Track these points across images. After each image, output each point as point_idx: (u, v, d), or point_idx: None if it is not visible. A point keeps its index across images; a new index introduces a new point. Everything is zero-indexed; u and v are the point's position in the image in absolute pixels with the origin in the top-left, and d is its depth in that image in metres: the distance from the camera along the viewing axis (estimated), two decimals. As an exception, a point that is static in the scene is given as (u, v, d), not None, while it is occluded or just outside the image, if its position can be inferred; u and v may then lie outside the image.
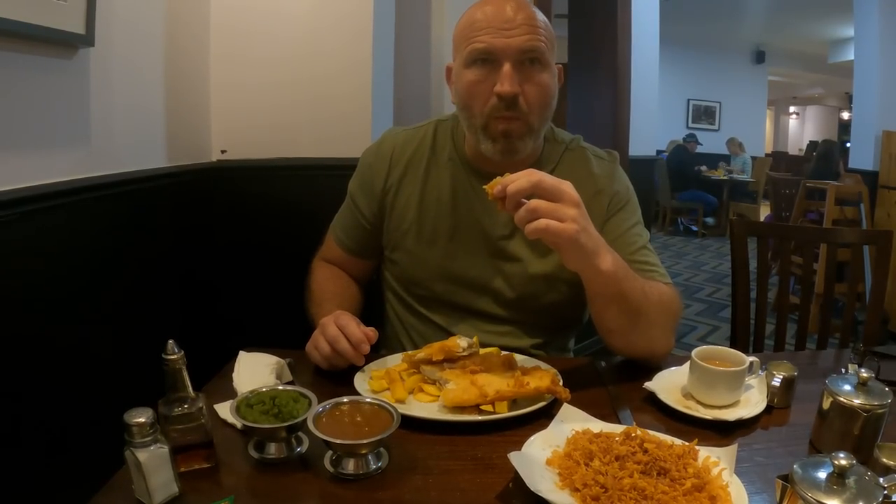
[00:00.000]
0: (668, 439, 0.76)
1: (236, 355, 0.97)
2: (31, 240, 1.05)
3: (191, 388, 0.73)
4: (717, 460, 0.72)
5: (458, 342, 0.97)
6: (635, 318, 0.96)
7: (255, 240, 1.68)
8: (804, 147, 12.84)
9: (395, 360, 1.00)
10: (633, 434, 0.75)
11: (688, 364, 0.93)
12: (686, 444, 0.74)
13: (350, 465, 0.73)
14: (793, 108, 16.29)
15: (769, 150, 13.79)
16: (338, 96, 1.67)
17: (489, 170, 1.09)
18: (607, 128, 3.50)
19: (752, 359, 0.92)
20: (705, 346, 0.94)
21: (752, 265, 1.60)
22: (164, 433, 0.68)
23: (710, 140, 9.09)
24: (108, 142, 1.28)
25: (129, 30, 1.33)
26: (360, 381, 0.93)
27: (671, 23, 4.94)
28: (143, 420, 0.64)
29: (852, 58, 4.46)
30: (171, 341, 0.71)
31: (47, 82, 1.11)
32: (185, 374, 0.72)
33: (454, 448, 0.79)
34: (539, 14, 1.02)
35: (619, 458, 0.70)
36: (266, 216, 1.68)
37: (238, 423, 0.77)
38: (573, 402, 0.85)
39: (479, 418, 0.84)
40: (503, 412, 0.85)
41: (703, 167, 7.94)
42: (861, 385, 0.77)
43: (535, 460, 0.72)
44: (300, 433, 0.78)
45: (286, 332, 1.07)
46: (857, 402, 0.76)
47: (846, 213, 3.76)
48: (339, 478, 0.72)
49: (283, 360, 0.97)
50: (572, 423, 0.81)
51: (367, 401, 0.79)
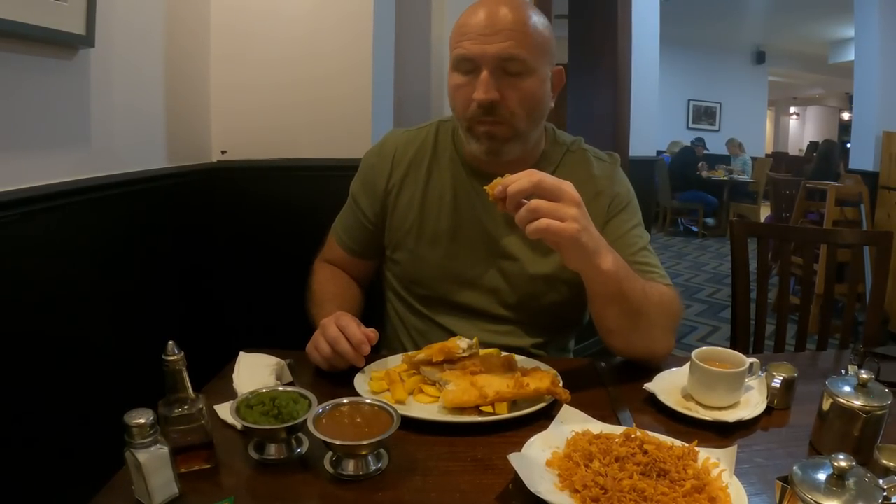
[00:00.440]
0: (667, 440, 0.76)
1: (236, 356, 0.97)
2: (32, 240, 1.05)
3: (191, 389, 0.73)
4: (716, 461, 0.72)
5: (457, 343, 0.97)
6: (636, 318, 0.97)
7: (256, 240, 1.68)
8: (804, 147, 12.84)
9: (394, 362, 1.00)
10: (632, 435, 0.75)
11: (688, 365, 0.93)
12: (686, 445, 0.74)
13: (350, 466, 0.73)
14: (793, 109, 16.29)
15: (769, 150, 13.79)
16: (338, 97, 1.67)
17: (489, 170, 1.09)
18: (607, 128, 3.51)
19: (751, 360, 0.92)
20: (705, 348, 0.94)
21: (753, 266, 1.60)
22: (165, 434, 0.68)
23: (711, 140, 9.10)
24: (108, 142, 1.28)
25: (130, 30, 1.33)
26: (360, 382, 0.93)
27: (671, 23, 4.94)
28: (143, 421, 0.64)
29: (852, 58, 4.46)
30: (171, 342, 0.71)
31: (48, 83, 1.11)
32: (186, 375, 0.72)
33: (454, 449, 0.79)
34: (532, 18, 1.00)
35: (619, 460, 0.70)
36: (266, 217, 1.68)
37: (238, 424, 0.77)
38: (573, 404, 0.86)
39: (479, 419, 0.84)
40: (503, 413, 0.85)
41: (703, 163, 7.94)
42: (861, 386, 0.78)
43: (535, 461, 0.72)
44: (300, 434, 0.78)
45: (286, 333, 1.07)
46: (856, 403, 0.76)
47: (846, 214, 3.76)
48: (339, 479, 0.72)
49: (282, 361, 0.97)
50: (572, 424, 0.81)
51: (367, 402, 0.80)
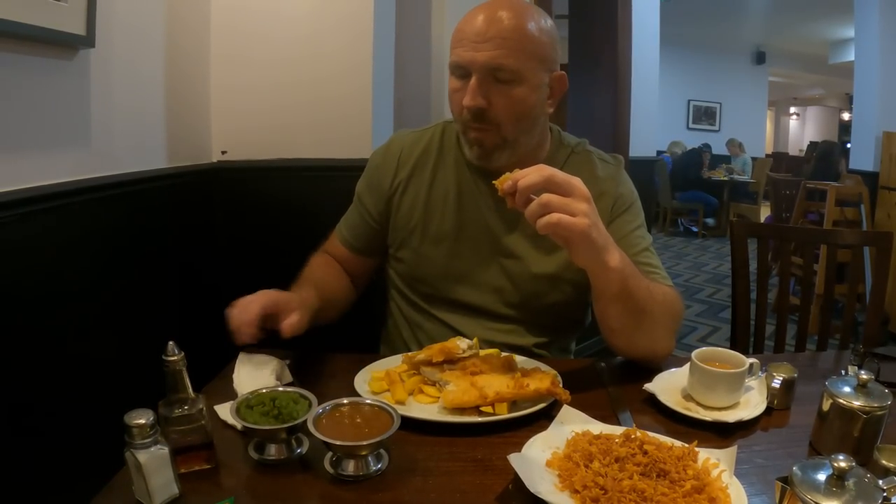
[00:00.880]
0: (667, 441, 0.76)
1: (236, 356, 0.97)
2: (32, 241, 1.05)
3: (191, 390, 0.73)
4: (716, 462, 0.72)
5: (458, 343, 0.97)
6: (639, 316, 0.96)
7: (256, 240, 1.68)
8: (804, 148, 12.84)
9: (394, 362, 1.00)
10: (632, 436, 0.75)
11: (688, 366, 0.93)
12: (686, 445, 0.74)
13: (350, 467, 0.73)
14: (793, 109, 16.29)
15: (769, 150, 13.78)
16: (338, 97, 1.67)
17: (493, 170, 1.10)
18: (607, 128, 3.51)
19: (751, 360, 0.92)
20: (705, 348, 0.94)
21: (753, 266, 1.60)
22: (165, 434, 0.68)
23: (711, 141, 9.09)
24: (108, 143, 1.28)
25: (130, 31, 1.33)
26: (360, 383, 0.93)
27: (671, 23, 4.94)
28: (143, 421, 0.64)
29: (853, 58, 4.46)
30: (171, 342, 0.71)
31: (48, 83, 1.11)
32: (186, 375, 0.72)
33: (454, 449, 0.79)
34: (529, 25, 0.99)
35: (619, 460, 0.70)
36: (266, 217, 1.68)
37: (238, 425, 0.77)
38: (573, 404, 0.86)
39: (479, 420, 0.84)
40: (503, 414, 0.85)
41: (704, 169, 7.94)
42: (861, 387, 0.78)
43: (535, 462, 0.72)
44: (300, 434, 0.78)
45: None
46: (856, 403, 0.76)
47: (846, 214, 3.76)
48: (339, 479, 0.72)
49: (283, 361, 0.97)
50: (572, 424, 0.81)
51: (367, 402, 0.80)
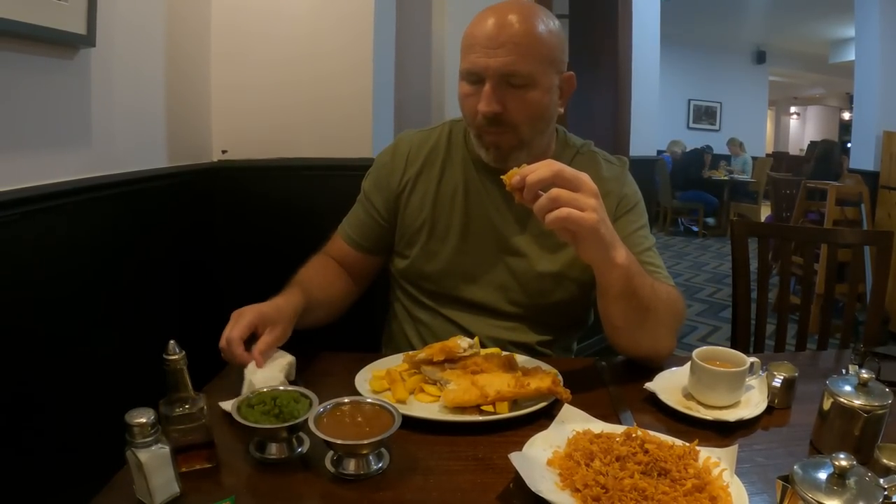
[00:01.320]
0: (668, 440, 0.76)
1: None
2: (32, 240, 1.05)
3: (192, 389, 0.73)
4: (717, 461, 0.72)
5: (458, 343, 0.97)
6: (643, 314, 0.96)
7: (256, 240, 1.68)
8: (805, 147, 12.84)
9: (395, 361, 1.00)
10: (633, 435, 0.75)
11: (688, 365, 0.93)
12: (687, 444, 0.74)
13: (351, 466, 0.73)
14: (793, 109, 16.28)
15: (770, 150, 13.78)
16: (339, 97, 1.67)
17: (499, 169, 1.11)
18: (608, 128, 3.51)
19: (752, 359, 0.92)
20: (706, 347, 0.94)
21: (753, 265, 1.60)
22: (166, 433, 0.68)
23: (711, 140, 9.09)
24: (108, 142, 1.28)
25: (131, 30, 1.33)
26: (361, 382, 0.93)
27: (672, 23, 4.94)
28: (144, 420, 0.64)
29: (853, 58, 4.46)
30: (172, 341, 0.71)
31: (48, 82, 1.11)
32: (186, 374, 0.72)
33: (455, 448, 0.79)
34: (539, 28, 1.00)
35: (620, 459, 0.70)
36: (267, 216, 1.68)
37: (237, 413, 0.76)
38: (574, 403, 0.86)
39: (480, 419, 0.84)
40: (504, 413, 0.85)
41: (704, 169, 7.94)
42: (861, 386, 0.78)
43: (536, 461, 0.72)
44: (301, 433, 0.78)
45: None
46: (857, 402, 0.76)
47: (847, 214, 3.76)
48: (340, 478, 0.72)
49: (292, 359, 0.96)
50: (573, 423, 0.81)
51: (368, 401, 0.80)
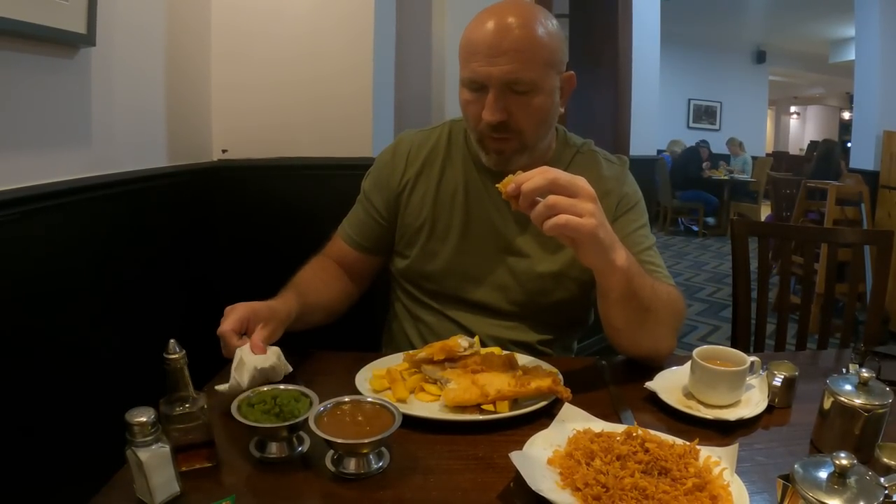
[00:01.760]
0: (669, 439, 0.76)
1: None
2: (32, 240, 1.05)
3: (192, 388, 0.73)
4: (718, 460, 0.72)
5: (458, 342, 0.97)
6: (643, 315, 0.96)
7: (256, 239, 1.68)
8: (805, 147, 12.84)
9: (396, 360, 1.00)
10: (634, 434, 0.75)
11: (689, 364, 0.93)
12: (687, 443, 0.74)
13: (351, 465, 0.73)
14: (794, 108, 16.28)
15: (770, 149, 13.78)
16: (339, 96, 1.67)
17: (500, 169, 1.11)
18: (608, 127, 3.51)
19: (752, 358, 0.92)
20: (706, 346, 0.94)
21: (753, 265, 1.60)
22: (166, 432, 0.68)
23: (711, 140, 9.09)
24: (108, 141, 1.28)
25: (131, 30, 1.33)
26: (362, 381, 0.93)
27: (672, 23, 4.94)
28: (144, 419, 0.64)
29: (853, 58, 4.46)
30: (172, 340, 0.71)
31: (48, 82, 1.11)
32: (187, 373, 0.72)
33: (455, 447, 0.79)
34: (539, 29, 1.00)
35: (621, 458, 0.70)
36: (267, 216, 1.68)
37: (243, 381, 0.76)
38: (574, 402, 0.86)
39: (481, 418, 0.84)
40: (504, 412, 0.85)
41: (708, 162, 7.93)
42: (862, 385, 0.78)
43: (537, 460, 0.72)
44: (301, 432, 0.78)
45: (286, 332, 1.07)
46: (857, 401, 0.76)
47: (847, 213, 3.76)
48: (341, 477, 0.72)
49: (278, 349, 0.95)
50: (573, 422, 0.81)
51: (369, 400, 0.79)
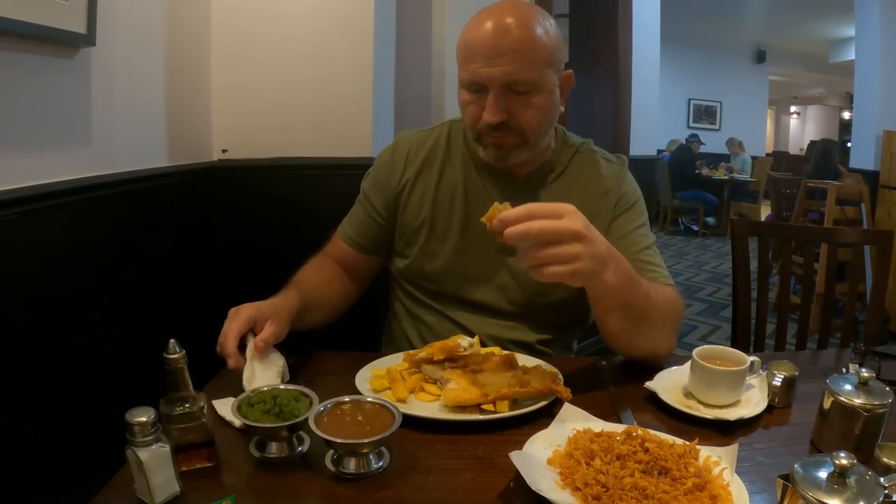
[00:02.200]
0: (669, 439, 0.76)
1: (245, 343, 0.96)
2: (32, 240, 1.05)
3: (192, 388, 0.73)
4: (717, 460, 0.72)
5: (458, 342, 0.97)
6: (638, 322, 0.97)
7: (256, 239, 1.68)
8: (805, 147, 12.84)
9: (396, 360, 1.00)
10: (634, 433, 0.75)
11: (689, 364, 0.93)
12: (687, 443, 0.74)
13: (351, 465, 0.73)
14: (793, 108, 16.28)
15: (770, 149, 13.78)
16: (339, 96, 1.67)
17: (499, 169, 1.12)
18: (608, 127, 3.51)
19: (752, 358, 0.92)
20: (706, 346, 0.94)
21: (753, 265, 1.60)
22: (166, 432, 0.68)
23: (711, 140, 9.09)
24: (108, 141, 1.28)
25: (131, 29, 1.33)
26: (361, 381, 0.93)
27: (672, 22, 4.94)
28: (144, 419, 0.64)
29: (853, 57, 4.46)
30: (172, 340, 0.71)
31: (48, 82, 1.11)
32: (187, 373, 0.72)
33: (455, 447, 0.79)
34: (537, 29, 1.00)
35: (620, 458, 0.70)
36: (267, 215, 1.68)
37: (237, 422, 0.77)
38: (574, 402, 0.86)
39: (481, 417, 0.84)
40: (504, 411, 0.85)
41: (702, 161, 7.93)
42: (862, 385, 0.78)
43: (537, 459, 0.72)
44: (301, 432, 0.78)
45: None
46: (857, 401, 0.76)
47: (847, 213, 3.76)
48: (341, 477, 0.72)
49: (287, 360, 0.96)
50: (573, 422, 0.81)
51: (369, 400, 0.80)
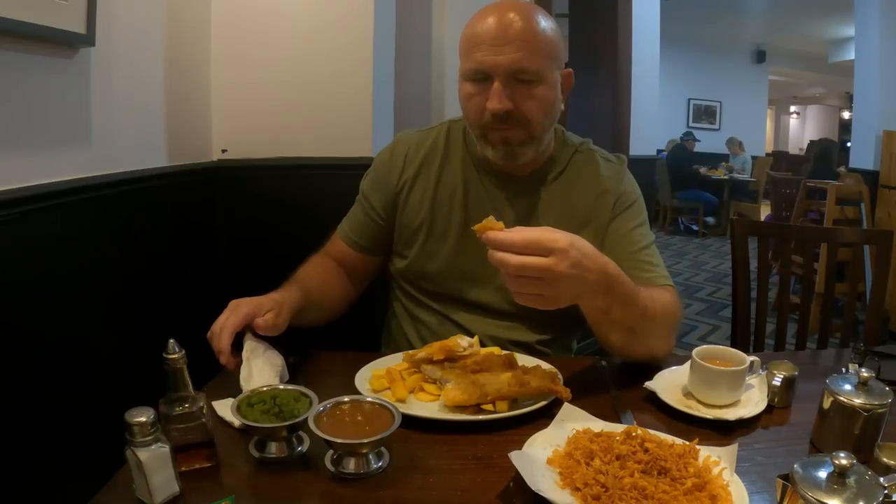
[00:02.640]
0: (668, 439, 0.76)
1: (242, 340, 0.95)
2: (32, 240, 1.05)
3: (191, 388, 0.73)
4: (717, 460, 0.72)
5: (458, 342, 0.97)
6: (634, 335, 0.97)
7: (256, 239, 1.68)
8: (805, 147, 12.83)
9: (395, 360, 1.00)
10: (633, 433, 0.75)
11: (688, 363, 0.93)
12: (687, 443, 0.74)
13: (351, 465, 0.73)
14: (793, 108, 16.27)
15: (770, 149, 13.77)
16: (339, 96, 1.67)
17: (498, 168, 1.12)
18: (608, 127, 3.51)
19: (752, 358, 0.92)
20: (706, 346, 0.94)
21: (753, 265, 1.60)
22: (165, 432, 0.68)
23: (711, 140, 9.09)
24: (108, 141, 1.28)
25: (130, 29, 1.32)
26: (361, 381, 0.93)
27: (672, 22, 4.94)
28: (144, 419, 0.64)
29: (853, 57, 4.46)
30: (171, 340, 0.71)
31: (48, 82, 1.11)
32: (186, 373, 0.72)
33: (455, 447, 0.79)
34: (540, 23, 1.01)
35: (620, 458, 0.70)
36: (266, 215, 1.68)
37: (236, 422, 0.77)
38: (574, 402, 0.86)
39: (480, 417, 0.84)
40: (504, 411, 0.85)
41: (703, 168, 7.93)
42: (861, 385, 0.78)
43: (536, 459, 0.72)
44: (301, 432, 0.78)
45: (286, 331, 1.07)
46: (857, 401, 0.76)
47: (847, 213, 3.76)
48: (340, 477, 0.72)
49: (287, 361, 0.96)
50: (573, 422, 0.81)
51: (368, 400, 0.80)
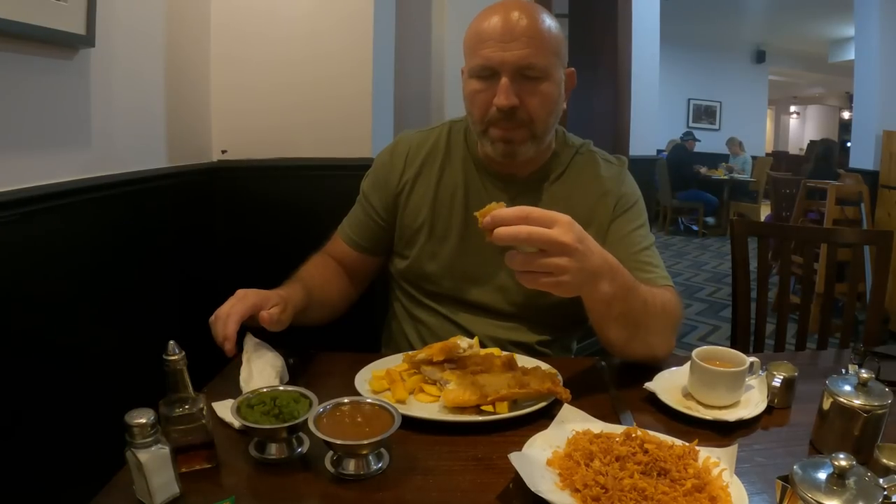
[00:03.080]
0: (668, 440, 0.76)
1: (244, 338, 0.96)
2: (32, 241, 1.05)
3: (191, 389, 0.73)
4: (717, 461, 0.72)
5: (458, 343, 0.97)
6: (635, 331, 0.97)
7: (256, 240, 1.68)
8: (805, 147, 12.84)
9: (395, 361, 1.00)
10: (633, 434, 0.75)
11: (688, 364, 0.93)
12: (686, 444, 0.74)
13: (351, 466, 0.73)
14: (793, 108, 16.28)
15: (770, 149, 13.78)
16: (338, 97, 1.67)
17: (499, 169, 1.12)
18: (608, 127, 3.51)
19: (752, 359, 0.92)
20: (705, 347, 0.94)
21: (753, 265, 1.60)
22: (165, 434, 0.68)
23: (711, 140, 9.09)
24: (108, 142, 1.28)
25: (130, 30, 1.32)
26: (361, 382, 0.93)
27: (672, 22, 4.94)
28: (144, 421, 0.64)
29: (853, 57, 4.46)
30: (171, 342, 0.71)
31: (48, 83, 1.11)
32: (186, 374, 0.72)
33: (455, 448, 0.79)
34: (545, 21, 1.02)
35: (620, 459, 0.70)
36: (267, 216, 1.68)
37: (236, 423, 0.77)
38: (574, 403, 0.86)
39: (480, 419, 0.84)
40: (504, 412, 0.85)
41: (703, 168, 7.93)
42: (861, 385, 0.78)
43: (536, 461, 0.72)
44: (301, 434, 0.78)
45: (286, 331, 1.07)
46: (857, 402, 0.76)
47: (847, 213, 3.76)
48: (340, 478, 0.72)
49: (287, 361, 0.97)
50: (573, 423, 0.81)
51: (368, 401, 0.80)
